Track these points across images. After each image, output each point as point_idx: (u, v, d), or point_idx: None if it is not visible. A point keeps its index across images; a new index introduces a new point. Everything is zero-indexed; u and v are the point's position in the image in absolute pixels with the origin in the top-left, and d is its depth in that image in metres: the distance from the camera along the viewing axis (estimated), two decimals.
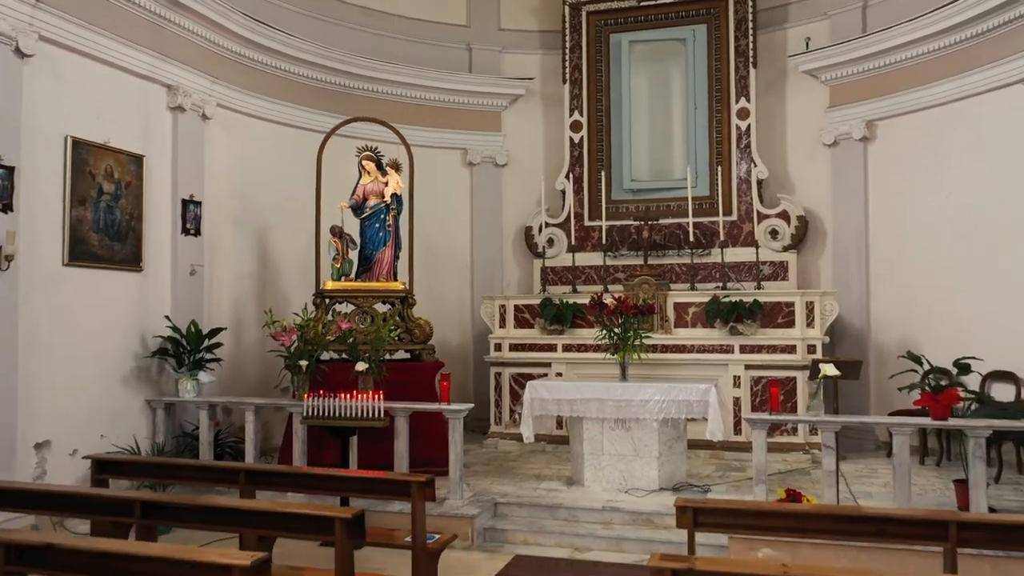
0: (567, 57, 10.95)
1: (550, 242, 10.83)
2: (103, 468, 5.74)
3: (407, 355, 8.43)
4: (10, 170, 6.20)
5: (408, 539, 5.10)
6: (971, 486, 5.66)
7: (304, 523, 4.13)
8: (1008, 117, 8.19)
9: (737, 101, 10.32)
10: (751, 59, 10.27)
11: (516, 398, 9.58)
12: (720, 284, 9.75)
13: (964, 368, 6.02)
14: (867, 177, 9.77)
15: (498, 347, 9.96)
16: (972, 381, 8.25)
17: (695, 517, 4.18)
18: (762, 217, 10.12)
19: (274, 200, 9.36)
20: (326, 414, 6.57)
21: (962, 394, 6.81)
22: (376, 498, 6.03)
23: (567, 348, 9.65)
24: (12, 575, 3.66)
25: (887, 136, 9.62)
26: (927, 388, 5.93)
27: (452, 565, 5.73)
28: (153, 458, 6.97)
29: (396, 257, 8.49)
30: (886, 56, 9.37)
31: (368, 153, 8.40)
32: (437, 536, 5.28)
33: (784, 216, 10.11)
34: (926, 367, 6.62)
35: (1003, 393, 8.05)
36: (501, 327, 10.03)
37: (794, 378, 8.75)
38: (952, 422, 5.80)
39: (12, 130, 6.29)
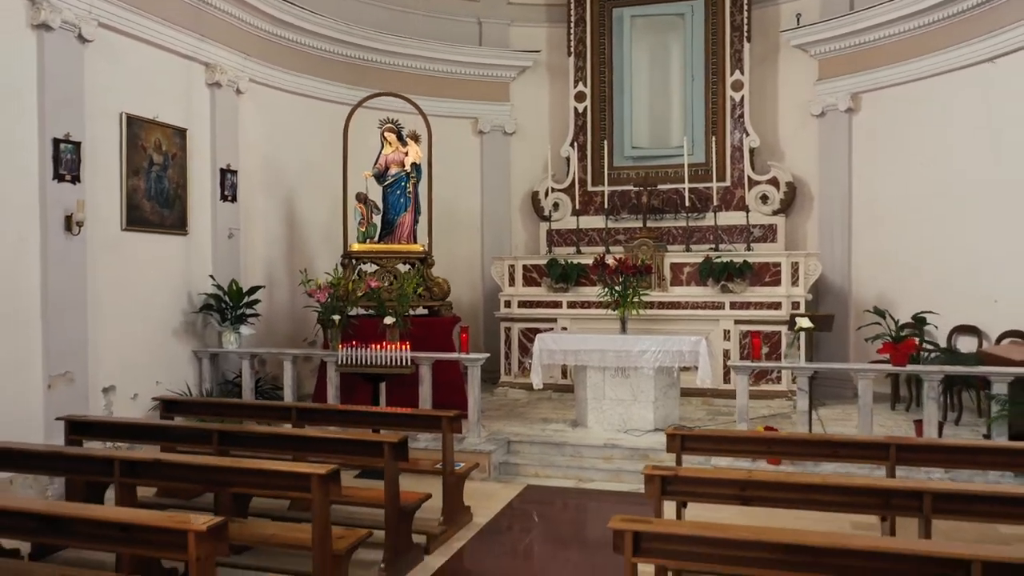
0: (572, 30, 11.58)
1: (555, 206, 11.58)
2: (170, 407, 6.62)
3: (425, 311, 9.24)
4: (77, 145, 6.95)
5: (438, 466, 5.97)
6: (925, 423, 6.51)
7: (358, 447, 4.98)
8: (977, 94, 8.89)
9: (732, 73, 10.98)
10: (745, 34, 10.91)
11: (524, 351, 10.45)
12: (713, 246, 10.54)
13: (921, 321, 6.84)
14: (851, 146, 10.49)
15: (508, 304, 10.80)
16: (941, 335, 9.15)
17: (683, 443, 5.03)
18: (753, 183, 10.86)
19: (299, 167, 10.12)
20: (359, 363, 7.40)
21: (926, 345, 7.68)
22: (406, 432, 6.87)
23: (572, 305, 10.48)
24: (126, 485, 4.51)
25: (870, 108, 10.32)
26: (889, 338, 6.75)
27: (473, 492, 6.58)
28: (213, 399, 7.84)
29: (416, 221, 9.27)
30: (871, 33, 10.01)
31: (390, 125, 9.12)
32: (462, 464, 6.16)
33: (774, 182, 10.85)
34: (889, 321, 7.41)
35: (968, 345, 8.88)
36: (510, 285, 10.85)
37: (779, 332, 9.58)
38: (909, 368, 6.63)
39: (77, 109, 7.01)
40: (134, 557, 3.91)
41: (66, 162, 6.84)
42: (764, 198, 10.87)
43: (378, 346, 7.34)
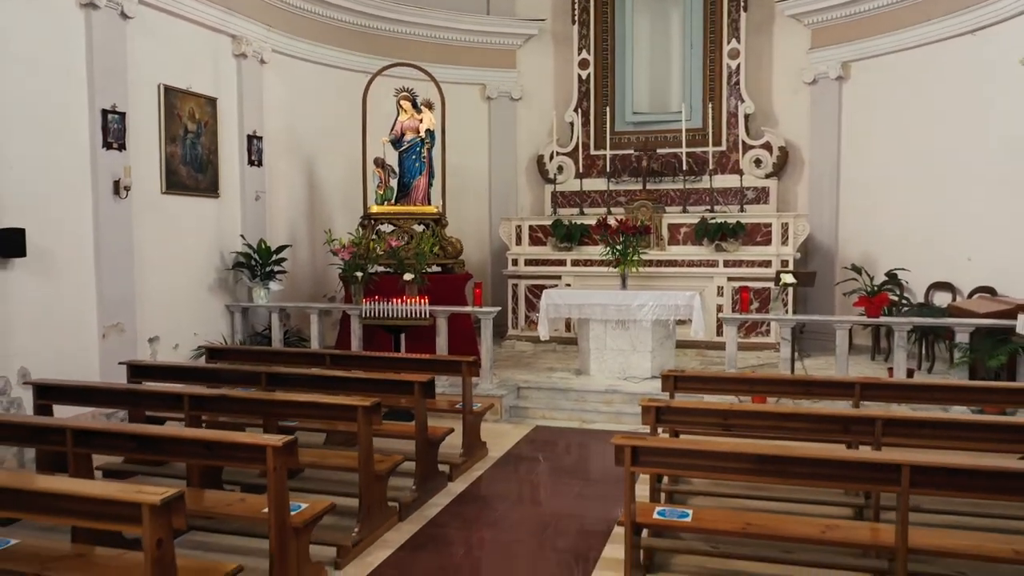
0: None
1: (560, 169, 12.19)
2: (213, 354, 7.32)
3: (439, 269, 9.90)
4: (122, 115, 7.55)
5: (458, 406, 6.70)
6: (894, 369, 7.23)
7: (392, 387, 5.69)
8: (962, 64, 9.44)
9: (728, 42, 11.51)
10: (742, 3, 11.41)
11: (531, 306, 11.16)
12: (709, 207, 11.17)
13: (893, 277, 7.49)
14: (841, 113, 11.07)
15: (515, 262, 11.48)
16: (919, 290, 9.84)
17: (675, 383, 5.73)
18: (748, 148, 11.46)
19: (318, 133, 10.71)
20: (381, 315, 8.09)
21: (899, 299, 8.35)
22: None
23: (575, 263, 11.16)
24: (194, 417, 5.23)
25: (860, 76, 10.88)
26: (865, 293, 7.43)
27: (487, 431, 7.32)
28: (253, 347, 8.56)
29: (430, 184, 9.91)
30: (862, 3, 10.52)
31: (405, 94, 9.71)
32: (479, 405, 6.89)
33: (767, 147, 11.44)
34: (865, 277, 8.09)
35: (943, 300, 9.56)
36: (517, 245, 11.52)
37: (768, 288, 10.25)
38: (882, 319, 7.32)
39: (121, 82, 7.60)
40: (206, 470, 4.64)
41: (113, 131, 7.46)
42: (758, 162, 11.47)
43: (399, 300, 8.03)
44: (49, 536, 4.50)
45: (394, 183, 9.87)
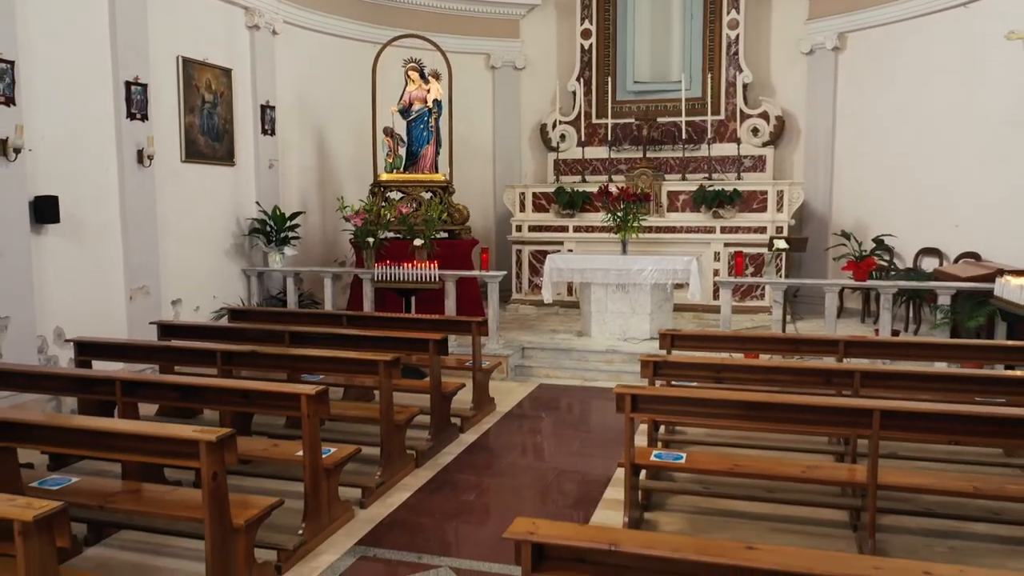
0: None
1: (562, 137, 12.49)
2: (235, 315, 7.73)
3: (446, 234, 10.27)
4: (144, 87, 7.87)
5: (468, 363, 7.12)
6: (880, 329, 7.64)
7: (407, 344, 6.10)
8: (954, 36, 9.71)
9: (728, 12, 11.74)
10: None
11: (534, 271, 11.56)
12: (707, 175, 11.51)
13: (880, 243, 7.87)
14: (836, 83, 11.37)
15: (518, 228, 11.85)
16: (908, 255, 10.23)
17: (672, 341, 6.15)
18: (745, 117, 11.76)
19: (327, 102, 11.01)
20: (392, 279, 8.48)
21: (886, 263, 8.72)
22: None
23: (577, 229, 11.53)
24: (226, 371, 5.65)
25: (855, 47, 11.16)
26: (853, 258, 7.81)
27: (494, 388, 7.74)
28: (273, 308, 8.96)
29: (437, 153, 10.25)
30: None
31: (413, 65, 10.00)
32: (487, 362, 7.31)
33: (764, 116, 11.75)
34: (854, 243, 8.46)
35: (930, 265, 9.94)
36: (521, 211, 11.87)
37: (763, 254, 10.64)
38: (868, 283, 7.72)
39: (142, 54, 7.90)
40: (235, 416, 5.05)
41: (136, 102, 7.78)
42: (755, 131, 11.78)
43: (409, 264, 8.42)
44: (99, 478, 4.94)
45: (403, 152, 10.20)
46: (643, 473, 4.85)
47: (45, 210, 6.79)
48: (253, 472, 5.23)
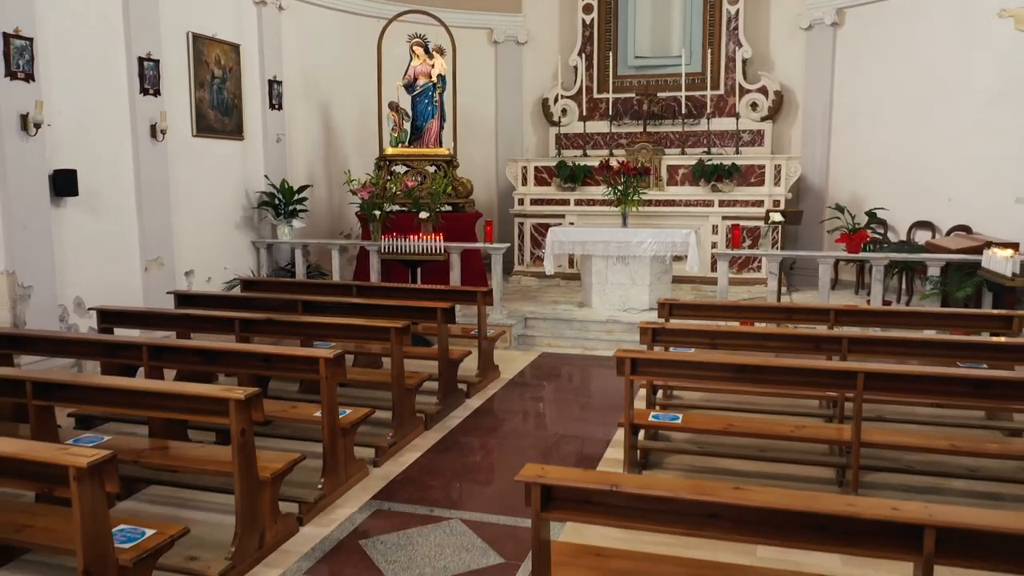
0: None
1: (564, 112, 12.67)
2: (248, 285, 7.98)
3: (450, 208, 10.49)
4: (156, 63, 8.06)
5: (473, 332, 7.39)
6: (871, 299, 7.90)
7: (416, 313, 6.36)
8: (950, 13, 9.86)
9: None
10: None
11: (536, 243, 11.80)
12: (706, 149, 11.71)
13: (873, 216, 8.10)
14: (834, 58, 11.52)
15: (521, 202, 12.06)
16: (902, 229, 10.47)
17: (670, 309, 6.41)
18: (744, 91, 11.93)
19: (332, 77, 11.18)
20: (399, 251, 8.72)
21: (879, 235, 8.95)
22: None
23: (578, 202, 11.75)
24: (244, 338, 5.91)
25: (853, 23, 11.30)
26: (846, 230, 8.05)
27: (498, 357, 8.01)
28: (284, 279, 9.18)
29: (441, 127, 10.44)
30: None
31: (417, 40, 10.17)
32: (492, 331, 7.58)
33: (763, 91, 11.91)
34: (847, 216, 8.70)
35: (923, 238, 10.18)
36: (523, 185, 12.09)
37: (759, 227, 10.87)
38: (860, 255, 7.97)
39: (154, 30, 8.08)
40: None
41: (149, 78, 7.98)
42: (754, 105, 11.95)
43: (415, 236, 8.65)
44: (128, 437, 5.22)
45: (407, 126, 10.39)
46: (641, 433, 5.13)
47: (64, 183, 7.02)
48: (271, 434, 5.51)
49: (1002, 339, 5.38)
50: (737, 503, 2.60)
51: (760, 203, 10.96)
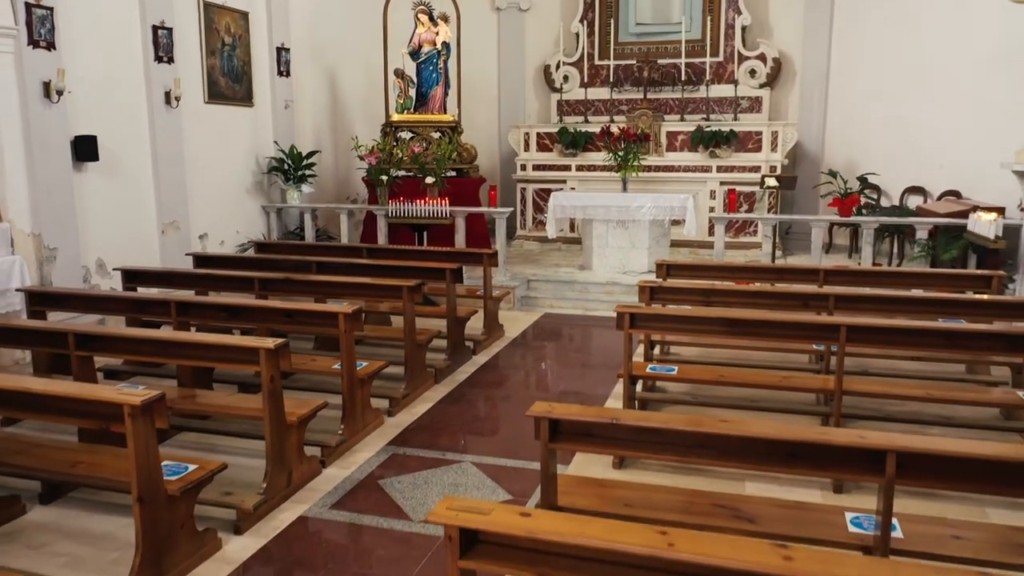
0: None
1: (565, 79, 12.86)
2: (262, 248, 8.28)
3: (454, 173, 10.76)
4: (169, 31, 8.27)
5: (479, 292, 7.71)
6: (862, 261, 8.21)
7: (428, 272, 6.67)
8: None
9: None
10: None
11: (538, 208, 12.07)
12: (705, 116, 11.94)
13: (864, 180, 8.37)
14: (832, 25, 11.71)
15: (523, 167, 12.32)
16: (895, 194, 10.75)
17: (668, 270, 6.72)
18: (743, 58, 12.12)
19: (338, 45, 11.37)
20: (406, 215, 9.01)
21: (871, 200, 9.23)
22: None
23: (579, 168, 12.01)
24: (263, 296, 6.22)
25: None
26: (839, 195, 8.33)
27: (502, 317, 8.35)
28: (296, 242, 9.47)
29: (446, 94, 10.66)
30: None
31: (422, 7, 10.36)
32: (497, 291, 7.90)
33: (762, 58, 12.10)
34: (840, 181, 8.97)
35: (915, 203, 10.47)
36: (525, 151, 12.33)
37: (756, 192, 11.14)
38: (852, 218, 8.25)
39: None
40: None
41: (163, 45, 8.20)
42: (752, 72, 12.15)
43: (422, 201, 8.94)
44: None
45: (413, 93, 10.61)
46: (639, 385, 5.47)
47: (85, 149, 7.29)
48: (289, 387, 5.84)
49: (981, 296, 5.70)
50: (723, 433, 2.93)
51: (757, 169, 11.21)
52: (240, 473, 4.51)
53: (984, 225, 7.04)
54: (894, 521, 3.05)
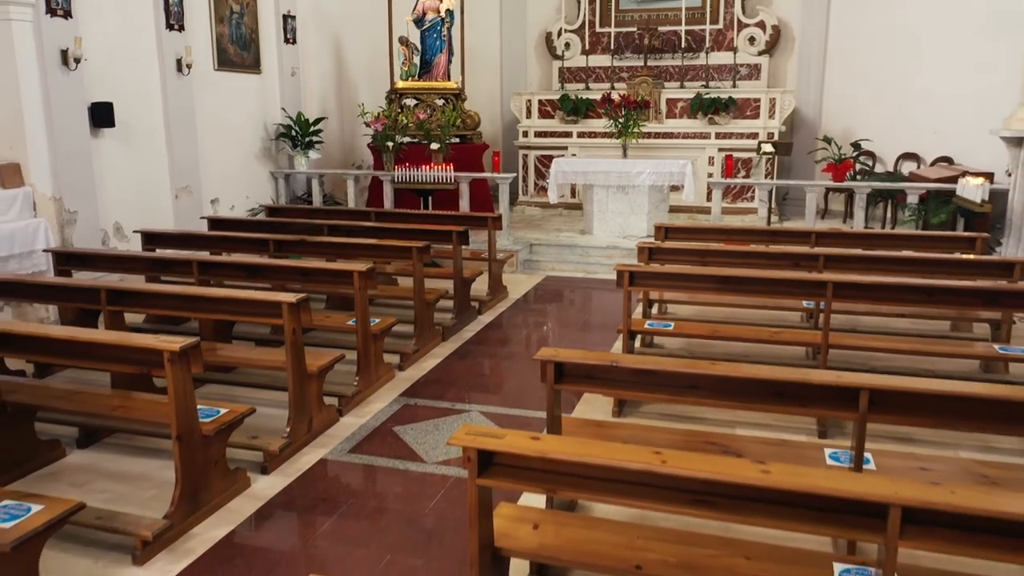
0: None
1: (567, 46, 13.02)
2: (272, 212, 8.54)
3: (458, 139, 10.96)
4: None
5: (484, 255, 7.98)
6: (854, 225, 8.47)
7: (433, 235, 6.93)
8: None
9: None
10: None
11: (540, 175, 12.30)
12: (704, 83, 12.11)
13: (857, 146, 8.59)
14: None
15: (525, 134, 12.52)
16: (889, 160, 10.97)
17: (666, 233, 6.99)
18: (743, 26, 12.26)
19: (343, 13, 11.50)
20: (411, 180, 9.26)
21: (864, 166, 9.46)
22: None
23: (580, 135, 12.22)
24: (278, 256, 6.49)
25: None
26: (833, 160, 8.57)
27: (506, 279, 8.62)
28: (306, 206, 9.71)
29: (450, 61, 10.84)
30: None
31: None
32: (501, 254, 8.17)
33: (761, 25, 12.25)
34: (834, 147, 9.20)
35: (909, 168, 10.71)
36: (527, 118, 12.53)
37: (753, 158, 11.36)
38: (845, 183, 8.50)
39: None
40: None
41: (174, 13, 8.37)
42: (751, 39, 12.30)
43: (427, 166, 9.18)
44: None
45: (417, 60, 10.79)
46: (638, 341, 5.77)
47: (101, 115, 7.51)
48: (305, 343, 6.15)
49: (964, 256, 5.97)
50: (713, 374, 3.23)
51: (755, 135, 11.42)
52: (263, 422, 4.82)
53: (972, 190, 7.30)
54: (867, 455, 3.36)
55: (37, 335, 3.93)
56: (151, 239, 6.92)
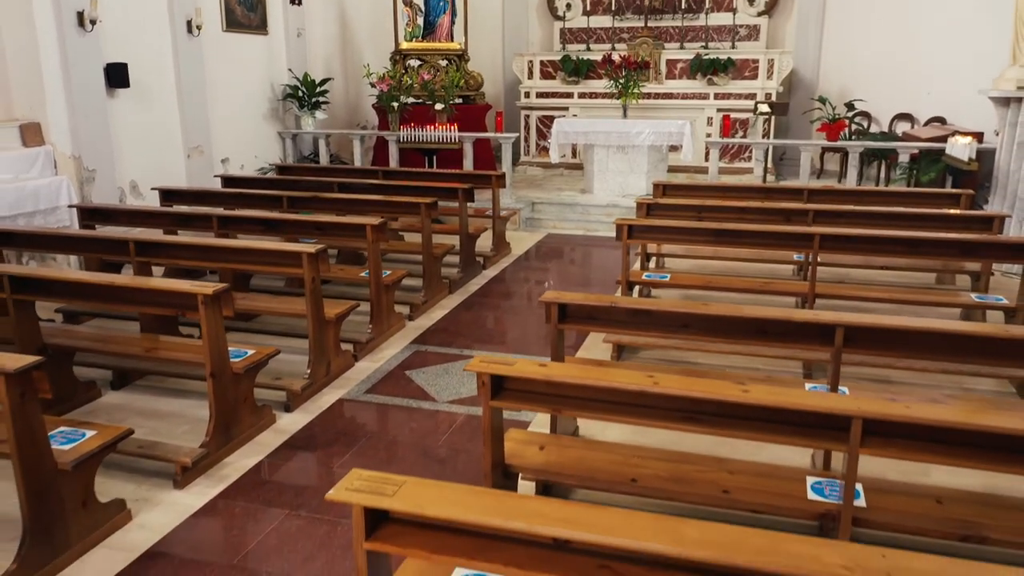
0: None
1: (568, 7, 13.13)
2: (282, 171, 8.79)
3: (461, 100, 11.16)
4: None
5: (488, 213, 8.26)
6: (847, 183, 8.73)
7: (443, 191, 7.20)
8: None
9: None
10: None
11: (541, 135, 12.51)
12: (704, 44, 12.27)
13: (851, 106, 8.81)
14: None
15: (527, 95, 12.71)
16: (884, 120, 11.18)
17: (663, 190, 7.26)
18: None
19: None
20: (416, 140, 9.50)
21: (858, 126, 9.69)
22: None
23: (582, 95, 12.41)
24: (291, 212, 6.77)
25: None
26: (827, 120, 8.80)
27: (509, 236, 8.91)
28: (316, 165, 9.97)
29: (453, 22, 11.00)
30: None
31: None
32: (505, 212, 8.45)
33: None
34: (828, 107, 9.42)
35: (903, 128, 10.92)
36: (529, 79, 12.70)
37: (750, 118, 11.57)
38: (838, 143, 8.74)
39: None
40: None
41: None
42: (751, 0, 12.43)
43: (432, 126, 9.41)
44: None
45: (420, 21, 10.95)
46: (636, 292, 6.08)
47: (117, 76, 7.73)
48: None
49: (947, 211, 6.25)
50: (703, 313, 3.54)
51: (753, 96, 11.62)
52: (284, 367, 5.14)
53: (960, 148, 7.54)
54: (843, 388, 3.68)
55: (79, 281, 4.24)
56: (169, 196, 7.20)
